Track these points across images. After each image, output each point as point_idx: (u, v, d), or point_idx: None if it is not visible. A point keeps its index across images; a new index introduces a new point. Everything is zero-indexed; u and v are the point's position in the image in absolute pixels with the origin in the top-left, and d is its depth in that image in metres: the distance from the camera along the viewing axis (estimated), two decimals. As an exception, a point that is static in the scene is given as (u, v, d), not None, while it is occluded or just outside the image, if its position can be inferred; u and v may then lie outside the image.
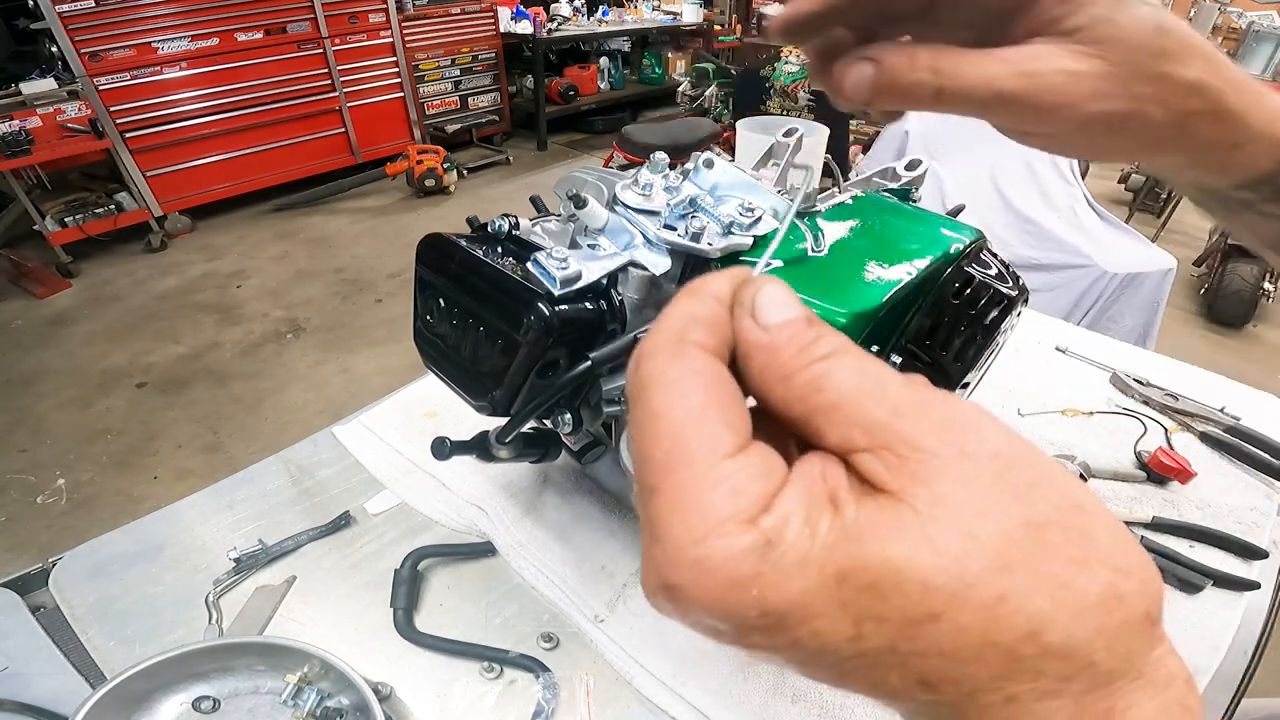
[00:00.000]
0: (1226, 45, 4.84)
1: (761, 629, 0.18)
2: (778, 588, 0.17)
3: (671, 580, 0.18)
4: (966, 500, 0.18)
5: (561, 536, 0.75)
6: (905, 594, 0.17)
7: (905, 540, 0.17)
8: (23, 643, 0.65)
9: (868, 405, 0.19)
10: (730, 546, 0.17)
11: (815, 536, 0.18)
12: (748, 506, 0.18)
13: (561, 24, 5.32)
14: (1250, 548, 0.76)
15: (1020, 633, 0.17)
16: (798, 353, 0.20)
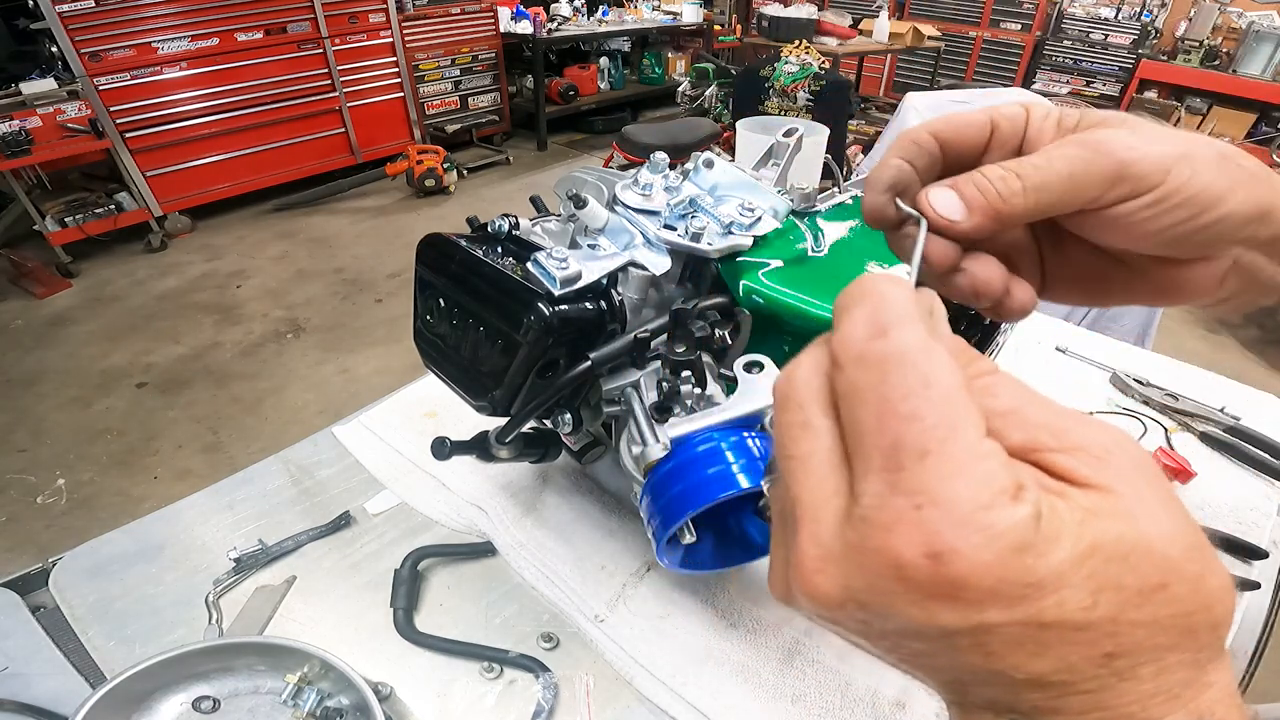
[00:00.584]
0: (1227, 45, 4.84)
1: (1009, 599, 0.18)
2: (1045, 556, 0.18)
3: (947, 545, 0.18)
4: (1155, 496, 0.20)
5: (561, 536, 0.75)
6: (1148, 563, 0.19)
7: (1129, 521, 0.19)
8: (23, 643, 0.65)
9: (1048, 415, 0.21)
10: (1014, 516, 0.18)
11: (1067, 513, 0.19)
12: (1017, 480, 0.19)
13: (561, 24, 5.32)
14: (1250, 548, 0.76)
15: (1202, 602, 0.19)
16: (965, 364, 0.22)
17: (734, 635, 0.66)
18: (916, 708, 0.60)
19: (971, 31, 5.71)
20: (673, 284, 0.63)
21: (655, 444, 0.51)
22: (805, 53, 3.59)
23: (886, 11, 5.26)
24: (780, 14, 4.46)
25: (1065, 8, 5.37)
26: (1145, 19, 5.12)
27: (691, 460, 0.49)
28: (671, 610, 0.68)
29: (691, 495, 0.48)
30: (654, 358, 0.57)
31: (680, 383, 0.54)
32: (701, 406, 0.53)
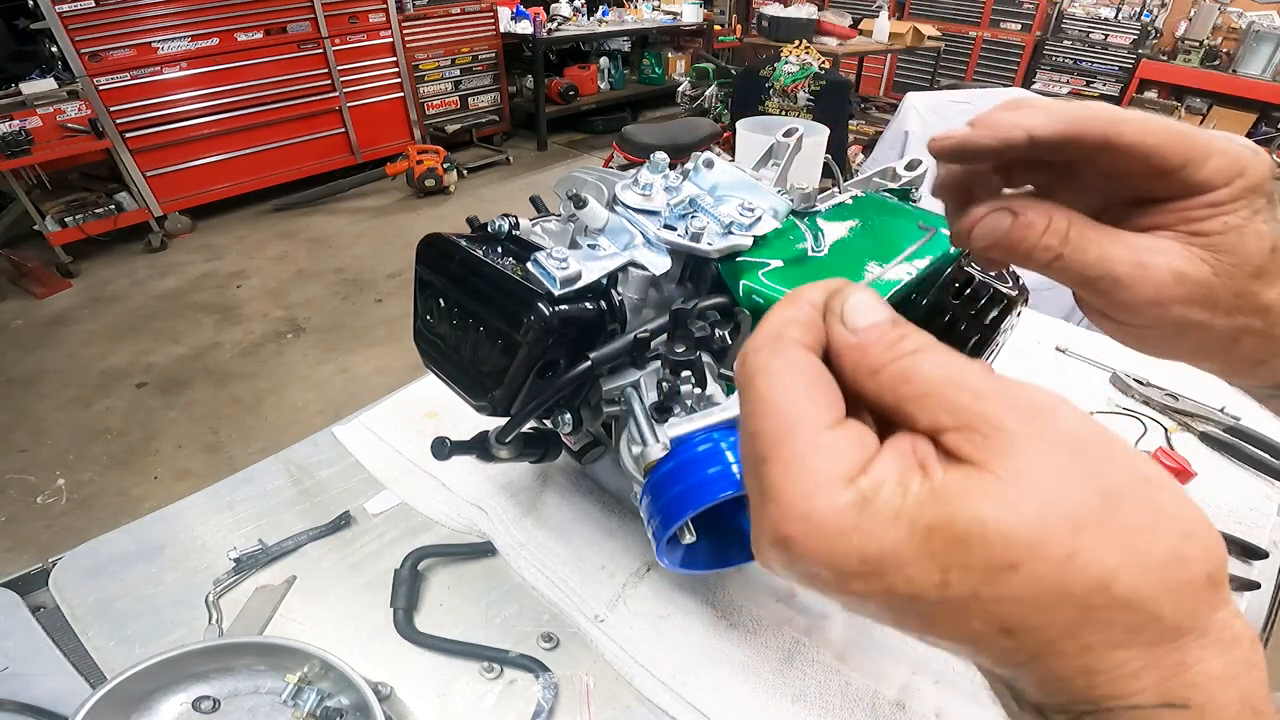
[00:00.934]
0: (1227, 45, 4.85)
1: (860, 575, 0.20)
2: (874, 537, 0.20)
3: (784, 533, 0.21)
4: (1043, 471, 0.20)
5: (561, 536, 0.75)
6: (988, 546, 0.19)
7: (989, 500, 0.20)
8: (23, 643, 0.65)
9: (952, 391, 0.21)
10: (833, 501, 0.20)
11: (907, 495, 0.20)
12: (847, 468, 0.21)
13: (561, 24, 5.32)
14: (1250, 548, 0.76)
15: (1091, 584, 0.19)
16: (884, 350, 0.23)
17: (734, 635, 0.66)
18: (916, 708, 0.60)
19: (971, 31, 5.71)
20: (673, 284, 0.63)
21: (655, 444, 0.51)
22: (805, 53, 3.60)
23: (886, 11, 5.26)
24: (780, 14, 4.46)
25: (1065, 8, 5.37)
26: (1145, 19, 5.12)
27: (691, 460, 0.49)
28: (671, 610, 0.68)
29: (692, 495, 0.48)
30: (654, 358, 0.57)
31: (680, 383, 0.54)
32: (701, 406, 0.53)
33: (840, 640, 0.66)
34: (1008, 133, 0.30)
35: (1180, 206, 0.31)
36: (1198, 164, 0.30)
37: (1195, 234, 0.31)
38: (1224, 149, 0.30)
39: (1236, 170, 0.30)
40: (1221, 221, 0.30)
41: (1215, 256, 0.31)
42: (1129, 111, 0.30)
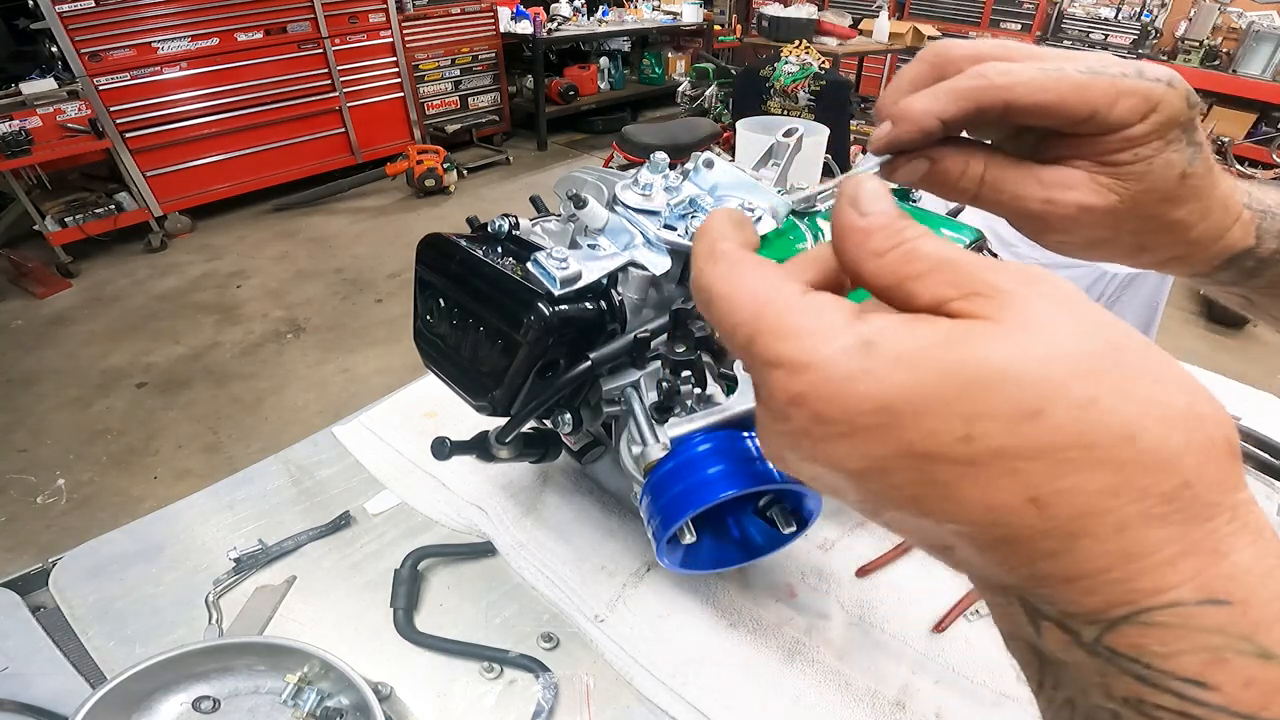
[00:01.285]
0: (1227, 45, 4.84)
1: (876, 429, 0.19)
2: (885, 380, 0.19)
3: (794, 390, 0.20)
4: (1050, 322, 0.19)
5: (561, 536, 0.75)
6: (1007, 389, 0.18)
7: (1001, 345, 0.19)
8: (23, 643, 0.65)
9: (953, 266, 0.21)
10: (835, 345, 0.20)
11: (915, 337, 0.19)
12: (840, 318, 0.21)
13: (561, 24, 5.32)
14: (1250, 548, 0.76)
15: (1116, 434, 0.18)
16: (891, 234, 0.22)
17: (734, 635, 0.66)
18: (916, 707, 0.60)
19: (971, 31, 5.71)
20: (673, 284, 0.63)
21: (655, 444, 0.51)
22: (805, 53, 3.59)
23: (886, 11, 5.26)
24: (780, 14, 4.46)
25: (1065, 8, 5.37)
26: (1145, 19, 5.12)
27: (691, 460, 0.49)
28: (671, 610, 0.68)
29: (692, 495, 0.48)
30: (654, 358, 0.57)
31: (680, 383, 0.54)
32: (701, 406, 0.53)
33: (840, 640, 0.66)
34: (924, 123, 0.33)
35: (1096, 142, 0.33)
36: (1106, 110, 0.31)
37: (1107, 164, 0.33)
38: (1133, 88, 0.31)
39: (1149, 107, 0.32)
40: (1132, 153, 0.33)
41: (1123, 185, 0.34)
42: (1025, 69, 0.32)
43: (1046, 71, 0.31)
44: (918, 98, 0.33)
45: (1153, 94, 0.31)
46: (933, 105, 0.33)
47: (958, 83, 0.32)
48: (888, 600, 0.69)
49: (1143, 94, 0.31)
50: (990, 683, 0.62)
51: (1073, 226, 0.35)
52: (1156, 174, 0.33)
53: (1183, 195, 0.35)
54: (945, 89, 0.33)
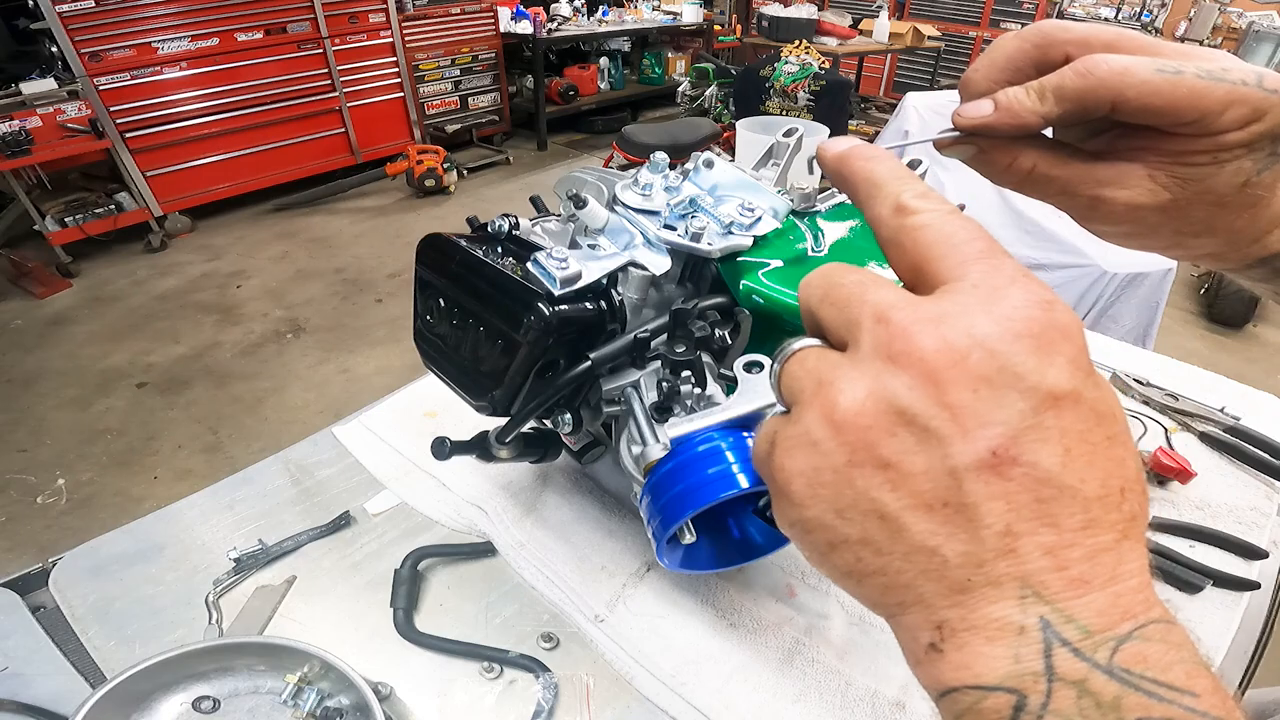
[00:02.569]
0: (1227, 45, 4.84)
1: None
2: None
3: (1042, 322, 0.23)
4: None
5: (561, 536, 0.75)
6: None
7: None
8: (23, 643, 0.65)
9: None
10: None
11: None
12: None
13: (561, 24, 5.32)
14: (1250, 548, 0.76)
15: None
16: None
17: (734, 635, 0.66)
18: (916, 707, 0.60)
19: (971, 31, 5.71)
20: (673, 284, 0.63)
21: (655, 444, 0.51)
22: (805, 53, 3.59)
23: (886, 11, 5.26)
24: (780, 14, 4.46)
25: (1065, 8, 5.37)
26: (1145, 19, 5.12)
27: (691, 460, 0.49)
28: (671, 610, 0.68)
29: (692, 495, 0.48)
30: (654, 358, 0.57)
31: (680, 383, 0.54)
32: (701, 406, 0.53)
33: (840, 640, 0.66)
34: (1026, 120, 0.32)
35: (1181, 141, 0.32)
36: (1214, 117, 0.31)
37: (1179, 164, 0.33)
38: (1246, 97, 0.30)
39: (1255, 117, 0.31)
40: (1211, 156, 0.32)
41: (1181, 185, 0.33)
42: (1140, 69, 0.30)
43: (1164, 74, 0.30)
44: (1025, 96, 0.32)
45: (1264, 104, 0.30)
46: (1040, 108, 0.32)
47: (1066, 82, 0.32)
48: (888, 600, 0.69)
49: (1254, 103, 0.30)
50: (990, 683, 0.62)
51: (1115, 220, 0.35)
52: (1221, 179, 0.33)
53: (1237, 203, 0.34)
54: (1053, 90, 0.32)
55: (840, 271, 0.27)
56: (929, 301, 0.24)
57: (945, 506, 0.22)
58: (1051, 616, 0.21)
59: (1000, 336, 0.22)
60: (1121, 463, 0.22)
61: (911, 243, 0.26)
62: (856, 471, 0.23)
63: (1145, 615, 0.21)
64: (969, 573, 0.22)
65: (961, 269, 0.24)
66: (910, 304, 0.24)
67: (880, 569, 0.23)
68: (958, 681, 0.22)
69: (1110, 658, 0.21)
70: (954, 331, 0.22)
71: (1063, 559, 0.21)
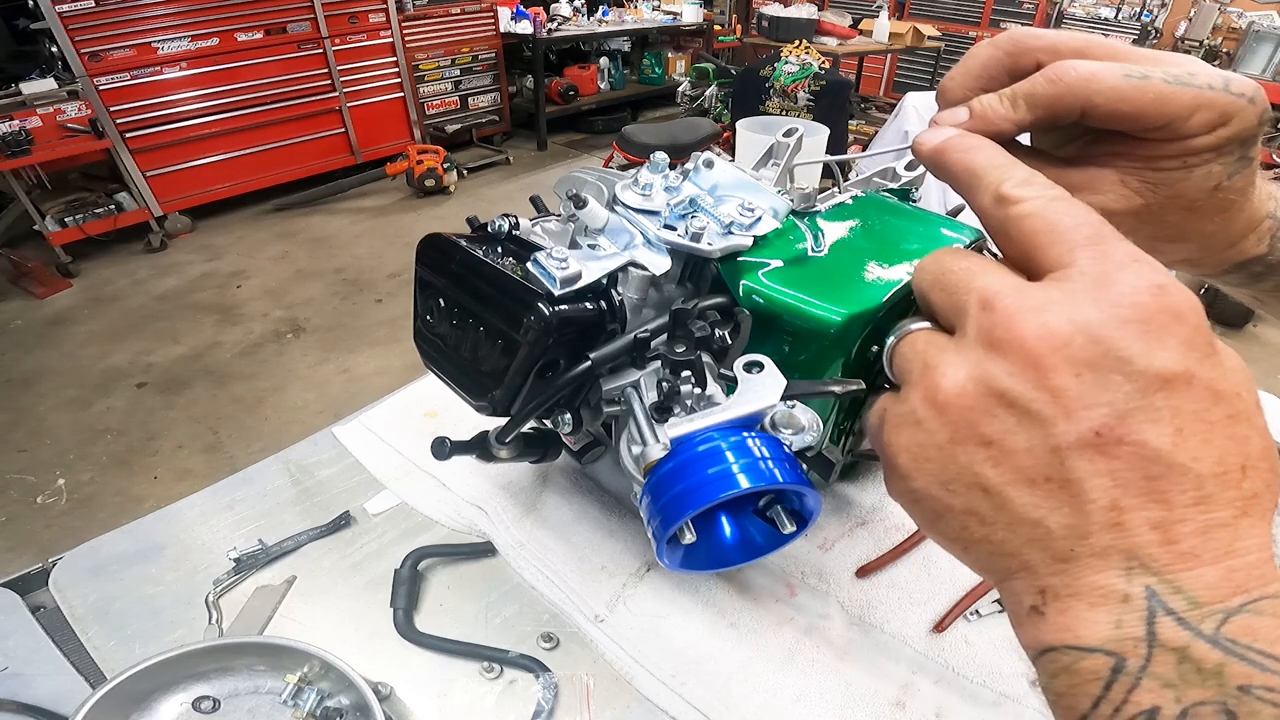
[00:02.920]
0: (1227, 45, 4.84)
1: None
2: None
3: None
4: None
5: (561, 536, 0.75)
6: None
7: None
8: (23, 643, 0.65)
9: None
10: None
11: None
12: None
13: (561, 24, 5.32)
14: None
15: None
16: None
17: (734, 635, 0.66)
18: (916, 707, 0.60)
19: (971, 31, 5.71)
20: (673, 284, 0.63)
21: (655, 444, 0.51)
22: (805, 53, 3.59)
23: (886, 11, 5.26)
24: (780, 14, 4.46)
25: (1065, 8, 5.37)
26: (1145, 19, 5.12)
27: (692, 460, 0.49)
28: (671, 610, 0.68)
29: (692, 495, 0.48)
30: (654, 358, 0.57)
31: (680, 383, 0.54)
32: (701, 406, 0.53)
33: (840, 640, 0.66)
34: (1001, 128, 0.33)
35: (1150, 146, 0.33)
36: (1181, 121, 0.31)
37: (1149, 169, 0.33)
38: (1212, 101, 0.31)
39: (1221, 121, 0.31)
40: (1181, 160, 0.32)
41: (1153, 190, 0.33)
42: (1108, 74, 0.31)
43: (1130, 79, 0.31)
44: (999, 104, 0.33)
45: (1230, 109, 0.31)
46: (1012, 114, 0.33)
47: (1036, 89, 0.32)
48: (888, 600, 0.69)
49: (1220, 108, 0.31)
50: (990, 683, 0.62)
51: None
52: (1191, 183, 0.33)
53: (1209, 207, 0.34)
54: (1024, 96, 0.32)
55: (952, 256, 0.28)
56: (1037, 289, 0.25)
57: (1048, 481, 0.23)
58: (1158, 587, 0.22)
59: (1105, 323, 0.22)
60: (1244, 440, 0.23)
61: (1017, 232, 0.26)
62: (959, 448, 0.25)
63: (1260, 590, 0.22)
64: (1073, 543, 0.23)
65: (1070, 255, 0.24)
66: (1017, 291, 0.25)
67: (985, 537, 0.25)
68: (1057, 641, 0.23)
69: (1217, 628, 0.21)
70: (1057, 319, 0.23)
71: (1173, 534, 0.22)
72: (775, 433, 0.51)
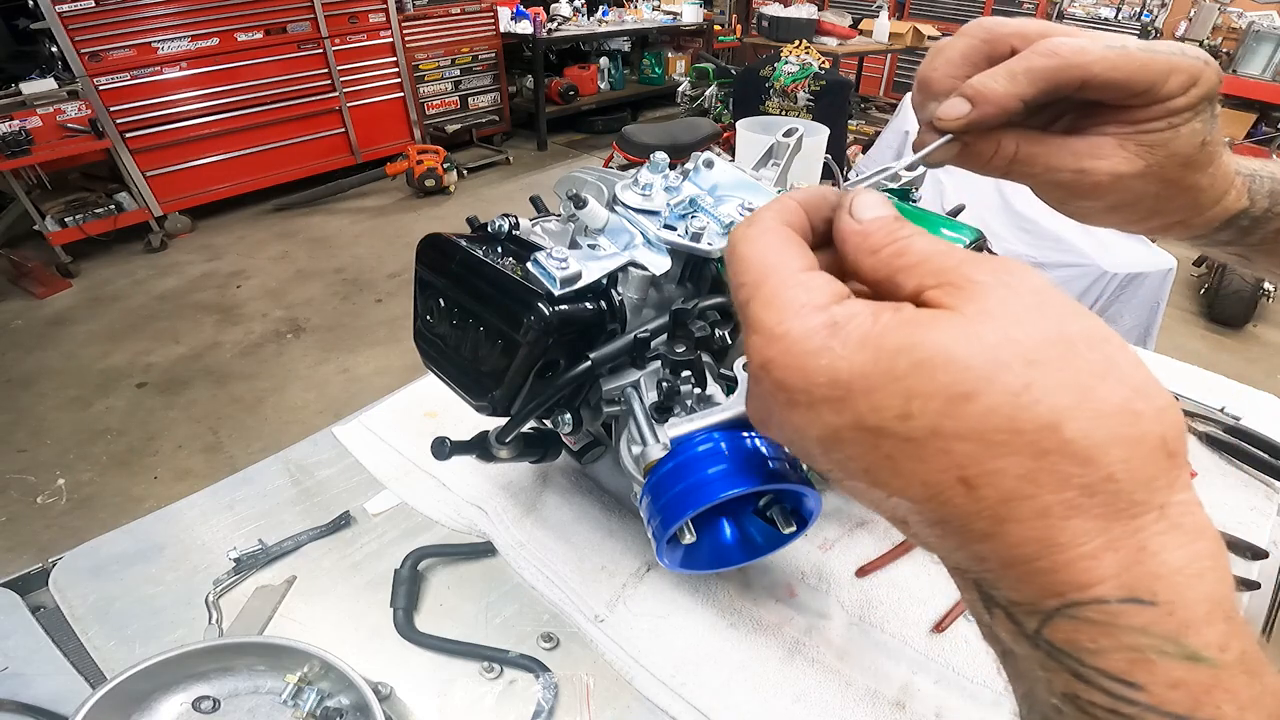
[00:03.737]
0: (1227, 45, 4.84)
1: (831, 401, 0.22)
2: (844, 359, 0.21)
3: (766, 356, 0.23)
4: (1007, 313, 0.21)
5: (561, 536, 0.75)
6: (947, 372, 0.20)
7: (951, 331, 0.20)
8: (23, 643, 0.65)
9: (939, 258, 0.23)
10: (805, 323, 0.22)
11: (876, 322, 0.22)
12: (820, 300, 0.23)
13: (561, 24, 5.32)
14: (1250, 547, 0.76)
15: (1042, 422, 0.19)
16: (886, 234, 0.25)
17: (734, 635, 0.66)
18: (916, 707, 0.60)
19: (971, 31, 5.70)
20: (673, 284, 0.63)
21: (655, 444, 0.51)
22: (805, 53, 3.59)
23: (886, 11, 5.26)
24: (780, 14, 4.46)
25: (1065, 8, 5.37)
26: (1145, 19, 5.12)
27: (692, 460, 0.49)
28: (671, 610, 0.68)
29: (692, 495, 0.48)
30: (654, 358, 0.57)
31: (680, 383, 0.54)
32: (701, 406, 0.53)
33: (840, 640, 0.66)
34: (1007, 104, 0.34)
35: (1137, 112, 0.35)
36: (1160, 85, 0.34)
37: (1142, 133, 0.36)
38: (1181, 65, 0.34)
39: (1192, 82, 0.34)
40: (1167, 122, 0.35)
41: (1151, 152, 0.36)
42: (1094, 47, 0.33)
43: (1113, 49, 0.33)
44: (996, 80, 0.34)
45: (1196, 70, 0.34)
46: (1013, 88, 0.34)
47: (1033, 63, 0.34)
48: (888, 600, 0.69)
49: (1188, 71, 0.34)
50: (990, 683, 0.62)
51: (1099, 192, 0.37)
52: (1182, 141, 0.36)
53: (1201, 160, 0.37)
54: (1023, 71, 0.34)
55: (745, 244, 0.28)
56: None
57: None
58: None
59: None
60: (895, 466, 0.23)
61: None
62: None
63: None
64: None
65: None
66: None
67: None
68: None
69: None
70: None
71: None
72: (775, 433, 0.50)
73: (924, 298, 0.22)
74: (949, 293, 0.22)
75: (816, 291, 0.23)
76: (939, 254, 0.23)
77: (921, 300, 0.22)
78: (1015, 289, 0.21)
